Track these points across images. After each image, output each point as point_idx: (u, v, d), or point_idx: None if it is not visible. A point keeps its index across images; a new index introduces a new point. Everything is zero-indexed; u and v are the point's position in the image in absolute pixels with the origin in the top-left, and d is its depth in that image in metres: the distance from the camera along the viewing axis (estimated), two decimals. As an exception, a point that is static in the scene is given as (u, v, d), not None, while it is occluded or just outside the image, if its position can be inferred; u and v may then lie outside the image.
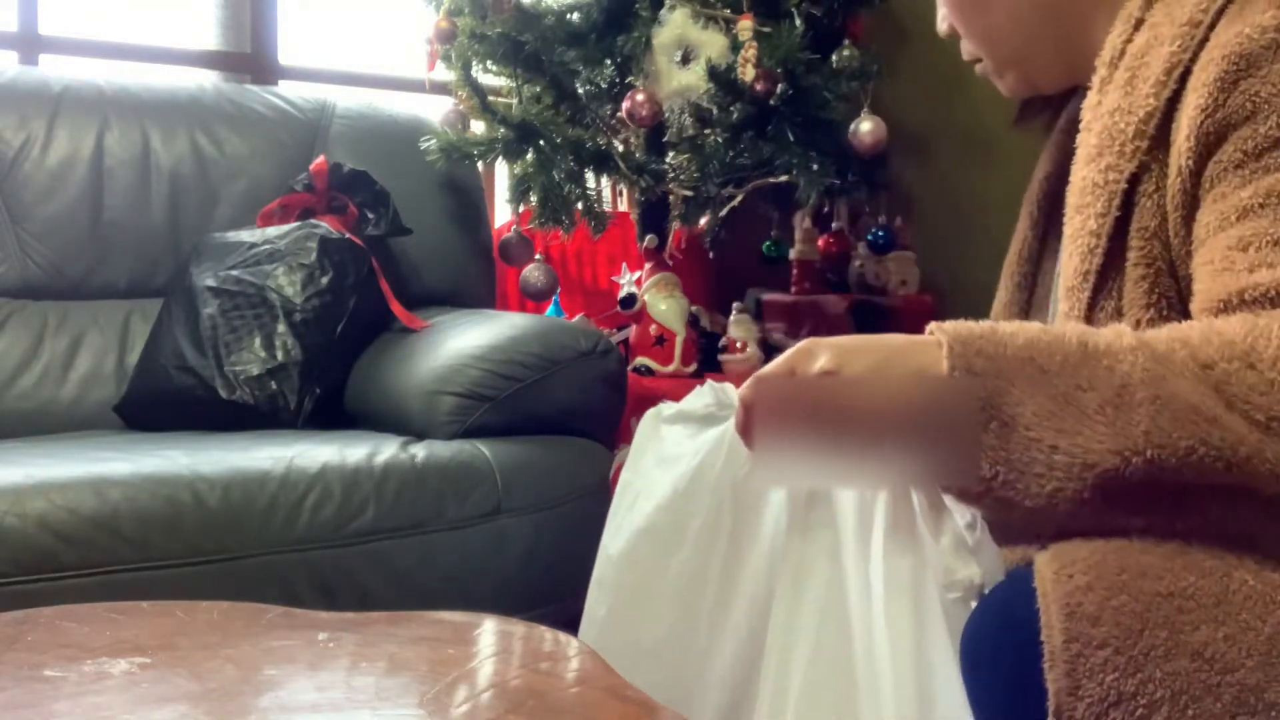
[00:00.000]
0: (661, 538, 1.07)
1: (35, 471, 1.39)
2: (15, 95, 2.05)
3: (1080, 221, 0.94)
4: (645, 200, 2.29)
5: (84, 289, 2.04)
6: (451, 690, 0.82)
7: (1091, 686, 0.74)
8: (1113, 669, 0.74)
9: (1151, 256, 0.90)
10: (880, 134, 2.16)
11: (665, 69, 2.03)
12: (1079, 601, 0.76)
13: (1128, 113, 0.91)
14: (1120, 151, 0.91)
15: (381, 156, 2.20)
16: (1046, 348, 0.81)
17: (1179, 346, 0.79)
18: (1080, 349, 0.81)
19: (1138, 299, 0.90)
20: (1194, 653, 0.75)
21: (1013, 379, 0.80)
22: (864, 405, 0.85)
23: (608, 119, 2.19)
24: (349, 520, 1.49)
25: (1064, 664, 0.75)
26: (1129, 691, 0.74)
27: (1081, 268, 0.93)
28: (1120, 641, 0.75)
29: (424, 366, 1.78)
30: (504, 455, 1.64)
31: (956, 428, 0.81)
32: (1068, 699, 0.75)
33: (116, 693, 0.81)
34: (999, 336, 0.82)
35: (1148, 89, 0.90)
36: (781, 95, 2.06)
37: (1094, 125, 0.95)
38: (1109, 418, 0.78)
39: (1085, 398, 0.79)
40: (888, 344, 0.87)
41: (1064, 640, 0.75)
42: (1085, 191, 0.94)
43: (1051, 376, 0.80)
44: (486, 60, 2.13)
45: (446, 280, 2.24)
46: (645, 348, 2.18)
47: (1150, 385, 0.78)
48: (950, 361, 0.81)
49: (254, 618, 0.99)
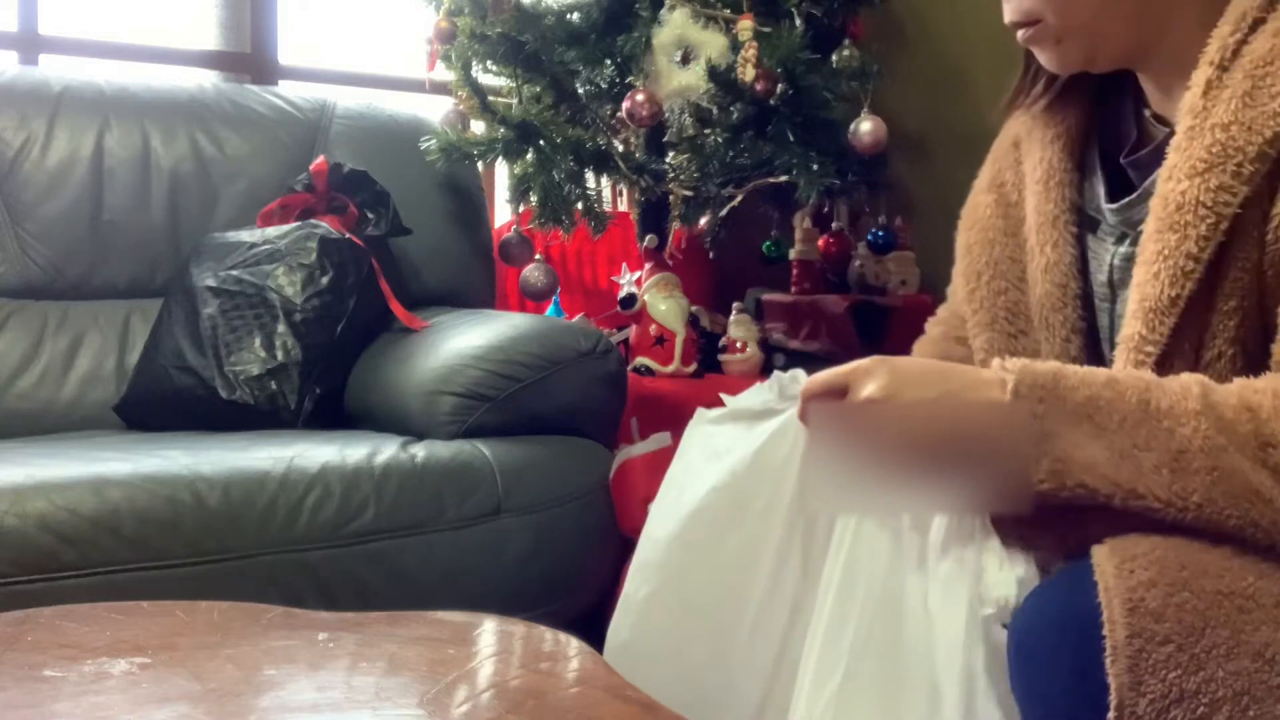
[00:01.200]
0: (719, 518, 1.04)
1: (35, 471, 1.39)
2: (15, 95, 2.05)
3: (1175, 241, 0.87)
4: (645, 200, 2.29)
5: (84, 289, 2.04)
6: (451, 690, 0.82)
7: (1154, 683, 0.74)
8: (1175, 666, 0.74)
9: (1245, 289, 0.85)
10: (880, 134, 2.16)
11: (665, 69, 2.03)
12: (1142, 597, 0.76)
13: (1248, 129, 0.84)
14: (1236, 172, 0.85)
15: (381, 156, 2.20)
16: (1107, 404, 0.81)
17: (1246, 418, 0.78)
18: (1141, 408, 0.80)
19: (1224, 331, 0.86)
20: (1256, 653, 0.74)
21: (1070, 430, 0.80)
22: (918, 432, 0.85)
23: (608, 119, 2.19)
24: (349, 520, 1.49)
25: (1127, 659, 0.75)
26: (1191, 689, 0.74)
27: (1170, 292, 0.87)
28: (1183, 639, 0.75)
29: (424, 366, 1.78)
30: (504, 455, 1.64)
31: (1006, 460, 0.81)
32: (1130, 694, 0.74)
33: (116, 693, 0.81)
34: (1060, 389, 0.82)
35: (1276, 107, 0.84)
36: (781, 95, 2.06)
37: (1199, 135, 0.87)
38: (1164, 480, 0.78)
39: (1142, 457, 0.79)
40: (950, 376, 0.86)
41: (1127, 635, 0.75)
42: (1185, 209, 0.87)
43: (1109, 433, 0.80)
44: (486, 60, 2.13)
45: (446, 280, 2.24)
46: (645, 348, 2.17)
47: (1210, 455, 0.78)
48: (1015, 392, 0.82)
49: (254, 618, 0.99)
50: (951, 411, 0.84)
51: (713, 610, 1.04)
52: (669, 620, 1.05)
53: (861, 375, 0.87)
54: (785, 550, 1.02)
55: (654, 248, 2.25)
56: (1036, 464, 0.81)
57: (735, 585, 1.03)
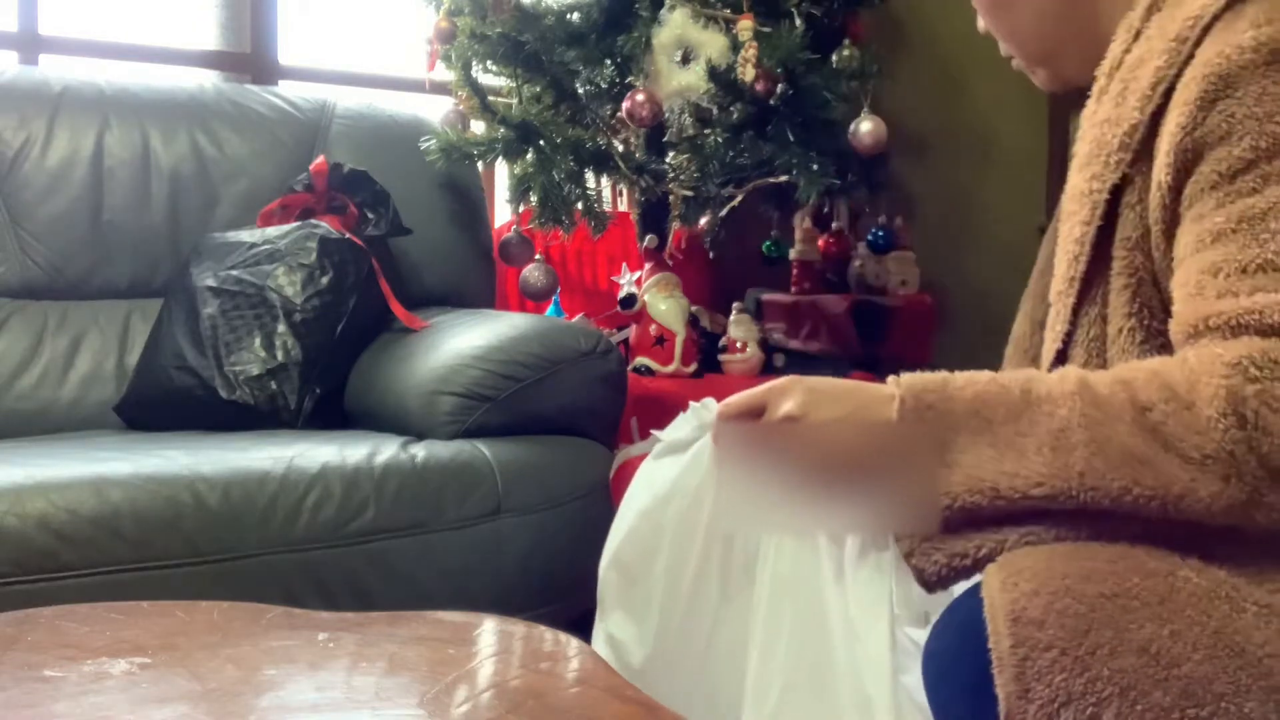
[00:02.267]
0: (644, 542, 1.08)
1: (35, 471, 1.39)
2: (15, 95, 2.04)
3: (1068, 228, 0.95)
4: (645, 200, 2.29)
5: (84, 289, 2.04)
6: (451, 690, 0.82)
7: (1040, 688, 0.76)
8: (1060, 670, 0.76)
9: (1134, 267, 0.91)
10: (880, 134, 2.16)
11: (665, 69, 2.03)
12: (1024, 607, 0.78)
13: (1115, 124, 0.93)
14: (1105, 162, 0.93)
15: (381, 156, 2.20)
16: (992, 399, 0.85)
17: (1120, 389, 0.82)
18: (1023, 398, 0.84)
19: (1120, 307, 0.91)
20: (1140, 649, 0.76)
21: (959, 430, 0.84)
22: (825, 451, 0.89)
23: (608, 119, 2.19)
24: (349, 520, 1.49)
25: (1012, 668, 0.77)
26: (1078, 690, 0.76)
27: (1068, 274, 0.94)
28: (1066, 642, 0.76)
29: (424, 366, 1.78)
30: (504, 455, 1.64)
31: (903, 476, 0.85)
32: (1018, 702, 0.76)
33: (116, 693, 0.81)
34: (949, 391, 0.86)
35: (1134, 101, 0.91)
36: (781, 95, 2.06)
37: (1087, 134, 0.96)
38: (1046, 459, 0.81)
39: (1024, 442, 0.83)
40: (855, 395, 0.90)
41: (1011, 645, 0.77)
42: (1074, 199, 0.95)
43: (995, 426, 0.84)
44: (486, 60, 2.13)
45: (446, 280, 2.24)
46: (645, 348, 2.18)
47: (1086, 429, 0.81)
48: (900, 413, 0.86)
49: (254, 618, 0.99)
50: (854, 430, 0.88)
51: (642, 632, 1.08)
52: (610, 647, 1.09)
53: (777, 395, 0.91)
54: (702, 570, 1.05)
55: (654, 248, 2.25)
56: (934, 484, 0.84)
57: (661, 606, 1.07)
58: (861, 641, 0.92)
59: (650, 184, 2.17)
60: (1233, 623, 0.77)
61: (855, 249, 2.64)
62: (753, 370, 2.25)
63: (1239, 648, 0.76)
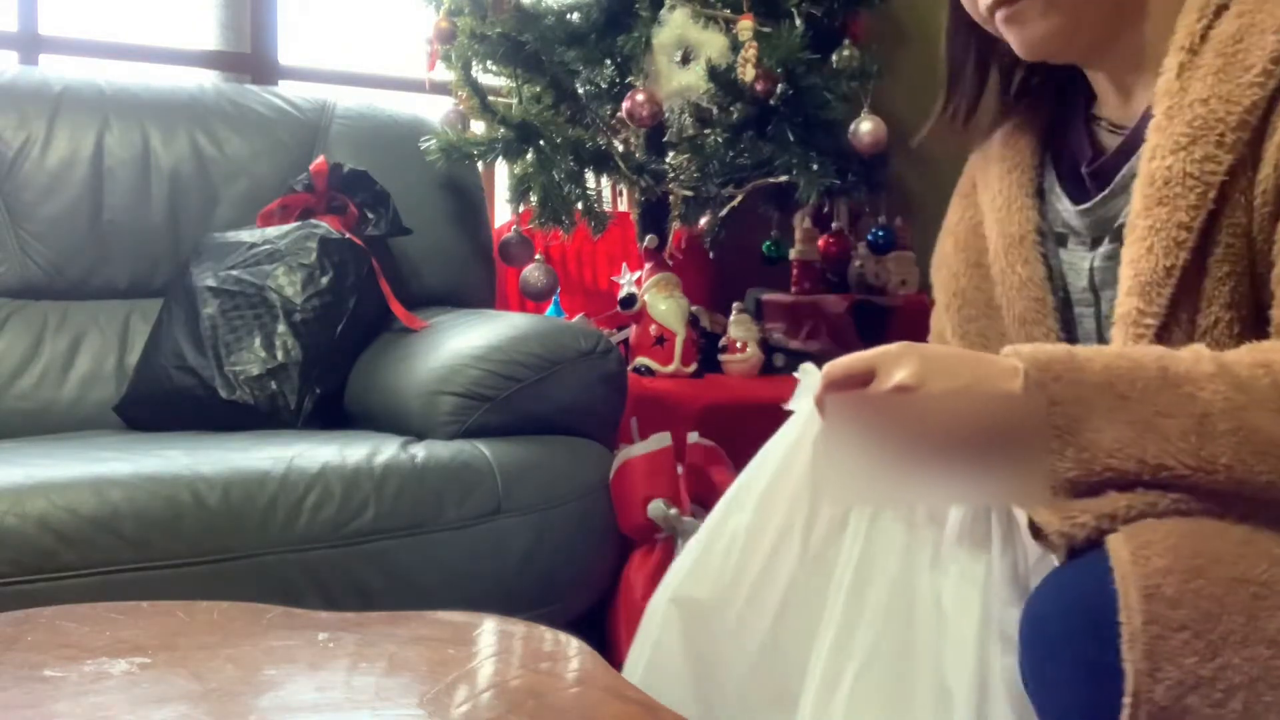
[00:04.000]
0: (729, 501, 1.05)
1: (35, 471, 1.39)
2: (15, 95, 2.04)
3: (1166, 214, 0.90)
4: (645, 200, 2.29)
5: (84, 289, 2.04)
6: (451, 690, 0.82)
7: (1170, 669, 0.74)
8: (1192, 652, 0.74)
9: (1237, 254, 0.88)
10: (880, 134, 2.16)
11: (665, 69, 2.03)
12: (1158, 584, 0.76)
13: (1227, 101, 0.88)
14: (1219, 142, 0.88)
15: (381, 156, 2.20)
16: (1126, 373, 0.81)
17: (1262, 374, 0.79)
18: (1160, 375, 0.81)
19: (1219, 297, 0.88)
20: (1270, 640, 0.75)
21: (1092, 406, 0.81)
22: (942, 424, 0.85)
23: (608, 119, 2.19)
24: (349, 520, 1.49)
25: (1144, 645, 0.75)
26: (1207, 676, 0.74)
27: (1165, 263, 0.90)
28: (1199, 625, 0.75)
29: (424, 366, 1.78)
30: (504, 455, 1.64)
31: (1027, 451, 0.82)
32: (1146, 680, 0.74)
33: (116, 693, 0.81)
34: (1077, 362, 0.82)
35: (1251, 78, 0.87)
36: (781, 95, 2.06)
37: (1178, 113, 0.91)
38: (1192, 445, 0.79)
39: (1166, 424, 0.80)
40: (973, 366, 0.86)
41: (1144, 622, 0.75)
42: (1172, 183, 0.90)
43: (1131, 403, 0.80)
44: (486, 60, 2.13)
45: (446, 280, 2.24)
46: (645, 348, 2.18)
47: (1232, 416, 0.79)
48: (1025, 386, 0.82)
49: (254, 618, 0.99)
50: (973, 402, 0.84)
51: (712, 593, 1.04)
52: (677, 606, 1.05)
53: (890, 362, 0.86)
54: (783, 538, 1.01)
55: (654, 248, 2.25)
56: (1060, 455, 0.81)
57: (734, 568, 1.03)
58: (949, 631, 0.90)
59: (650, 184, 2.17)
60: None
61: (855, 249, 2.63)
62: (752, 370, 2.25)
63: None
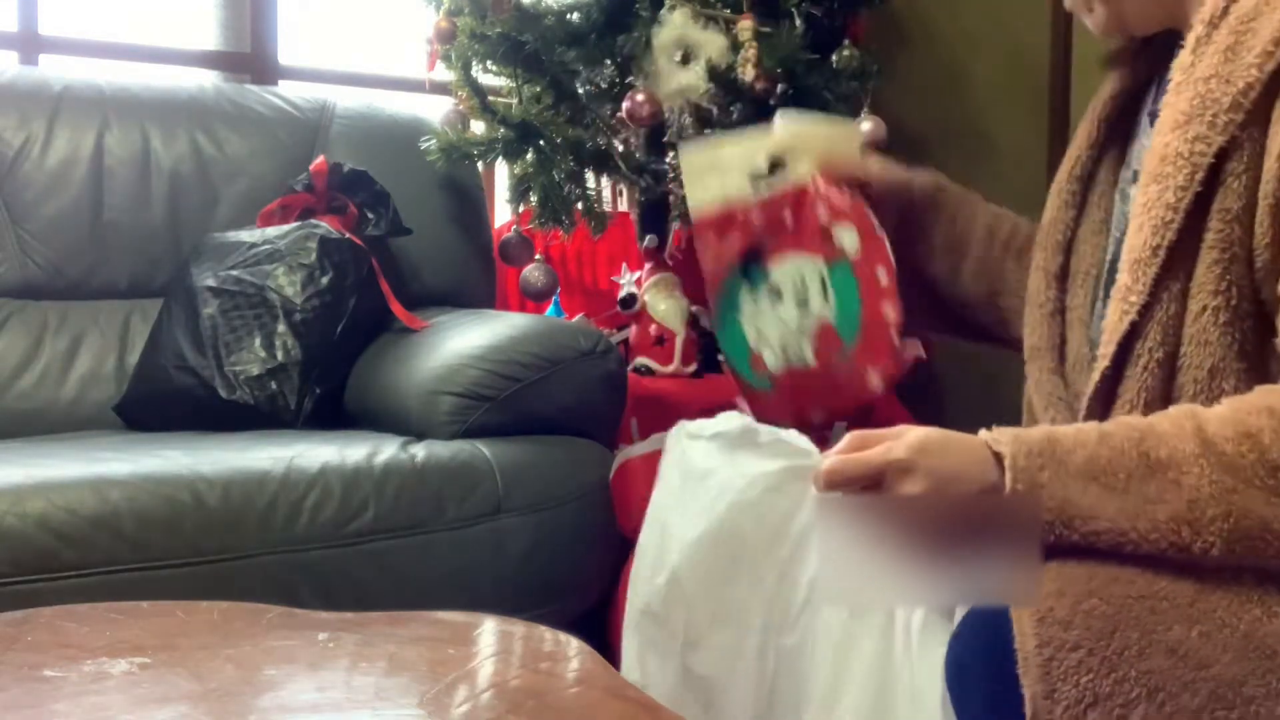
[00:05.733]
0: (711, 570, 1.04)
1: (35, 471, 1.39)
2: (15, 95, 2.04)
3: (1156, 192, 0.88)
4: (645, 200, 2.29)
5: (84, 289, 2.04)
6: (451, 690, 0.82)
7: (1067, 689, 0.75)
8: (1087, 670, 0.75)
9: (1229, 240, 0.85)
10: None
11: (665, 69, 2.02)
12: (1050, 606, 0.77)
13: (1225, 81, 0.85)
14: (1211, 122, 0.85)
15: (381, 156, 2.20)
16: (1107, 464, 0.80)
17: (1247, 450, 0.78)
18: (1142, 462, 0.79)
19: (1208, 283, 0.86)
20: (1169, 650, 0.75)
21: (1079, 495, 0.80)
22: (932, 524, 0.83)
23: (608, 119, 2.19)
24: (349, 520, 1.49)
25: (1038, 668, 0.75)
26: (1105, 692, 0.74)
27: (1152, 242, 0.87)
28: (1093, 643, 0.75)
29: (424, 366, 1.78)
30: (504, 455, 1.64)
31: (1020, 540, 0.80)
32: (1044, 703, 0.75)
33: (116, 693, 0.81)
34: (1059, 453, 0.81)
35: (1252, 58, 0.85)
36: (781, 95, 2.06)
37: (1185, 89, 0.88)
38: (1183, 539, 0.78)
39: (1156, 510, 0.78)
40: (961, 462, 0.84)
41: (1036, 645, 0.76)
42: (1166, 160, 0.88)
43: (1117, 495, 0.79)
44: (486, 60, 2.13)
45: (446, 280, 2.24)
46: (645, 348, 2.17)
47: (1220, 501, 0.77)
48: (1013, 476, 0.81)
49: (254, 618, 0.99)
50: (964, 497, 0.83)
51: (706, 660, 1.05)
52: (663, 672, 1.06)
53: (899, 474, 0.83)
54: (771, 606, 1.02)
55: (654, 248, 2.25)
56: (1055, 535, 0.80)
57: (725, 636, 1.04)
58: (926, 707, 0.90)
59: (650, 184, 2.17)
60: (1264, 626, 0.76)
61: (855, 249, 2.63)
62: (753, 370, 2.25)
63: (1270, 650, 0.75)
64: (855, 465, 0.84)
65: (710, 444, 1.09)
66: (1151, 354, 0.88)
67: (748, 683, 1.03)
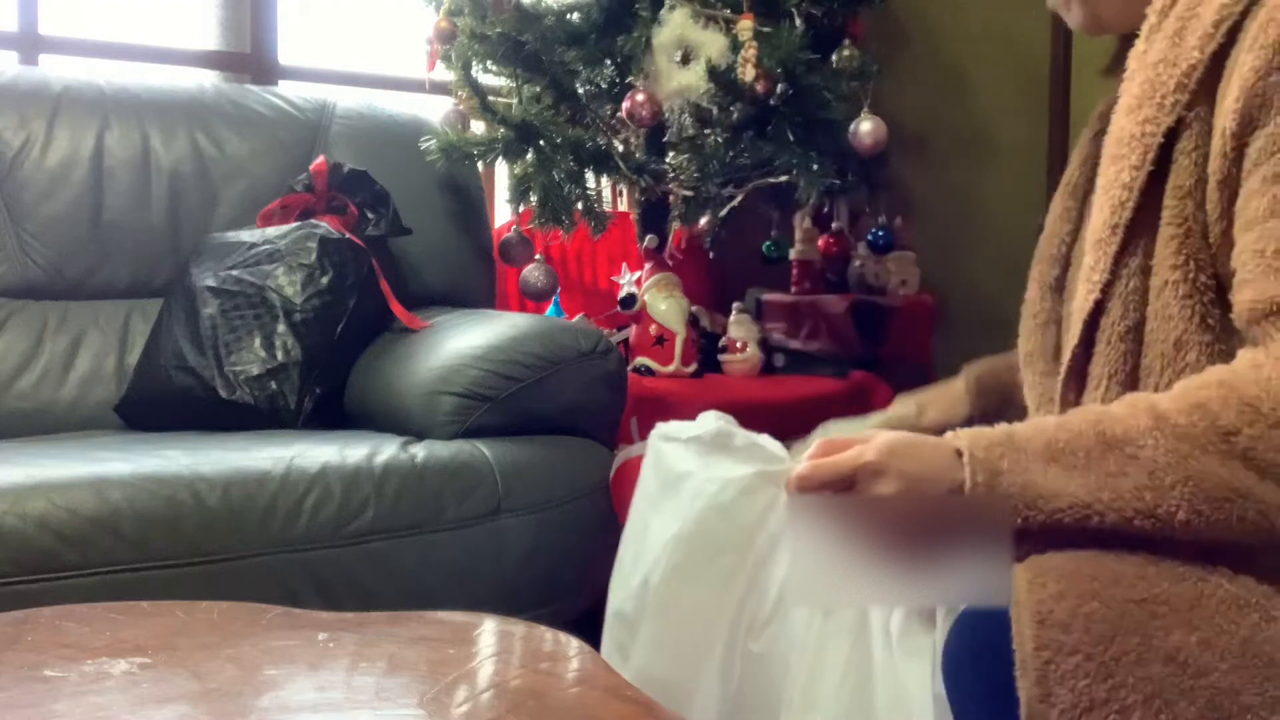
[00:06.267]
0: (680, 570, 1.05)
1: (35, 471, 1.39)
2: (15, 95, 2.04)
3: (1114, 173, 0.91)
4: (645, 200, 2.29)
5: (84, 289, 2.04)
6: (451, 690, 0.82)
7: (1063, 693, 0.75)
8: (1084, 675, 0.74)
9: (1184, 216, 0.87)
10: (880, 134, 2.16)
11: (665, 69, 2.03)
12: (1050, 609, 0.77)
13: (1171, 64, 0.88)
14: (1160, 104, 0.88)
15: (381, 156, 2.20)
16: (1065, 446, 0.81)
17: (1198, 419, 0.78)
18: (1099, 441, 0.81)
19: (1166, 258, 0.87)
20: (1167, 657, 0.75)
21: (1040, 477, 0.81)
22: (903, 524, 0.84)
23: (608, 119, 2.19)
24: (349, 520, 1.49)
25: (1035, 671, 0.75)
26: (1101, 697, 0.74)
27: (1111, 221, 0.90)
28: (1091, 647, 0.75)
29: (424, 366, 1.78)
30: (504, 455, 1.64)
31: (989, 538, 0.81)
32: (1040, 706, 0.75)
33: (116, 693, 0.81)
34: (1017, 441, 0.82)
35: (1194, 41, 0.87)
36: (781, 95, 2.06)
37: (1137, 75, 0.91)
38: (1147, 503, 0.79)
39: (1119, 483, 0.79)
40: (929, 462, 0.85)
41: (1035, 647, 0.76)
42: (1122, 143, 0.91)
43: (1078, 473, 0.80)
44: (486, 60, 2.13)
45: (446, 280, 2.24)
46: (645, 348, 2.18)
47: (1177, 468, 0.78)
48: (972, 469, 0.82)
49: (254, 618, 0.99)
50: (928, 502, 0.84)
51: (671, 661, 1.05)
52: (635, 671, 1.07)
53: (870, 476, 0.85)
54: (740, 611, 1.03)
55: (654, 248, 2.25)
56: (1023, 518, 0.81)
57: (691, 639, 1.04)
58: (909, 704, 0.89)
59: (650, 184, 2.17)
60: (1262, 632, 0.76)
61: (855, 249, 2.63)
62: (752, 370, 2.25)
63: (1268, 658, 0.75)
64: (827, 469, 0.86)
65: (686, 447, 1.09)
66: (1115, 329, 0.89)
67: (712, 688, 1.04)
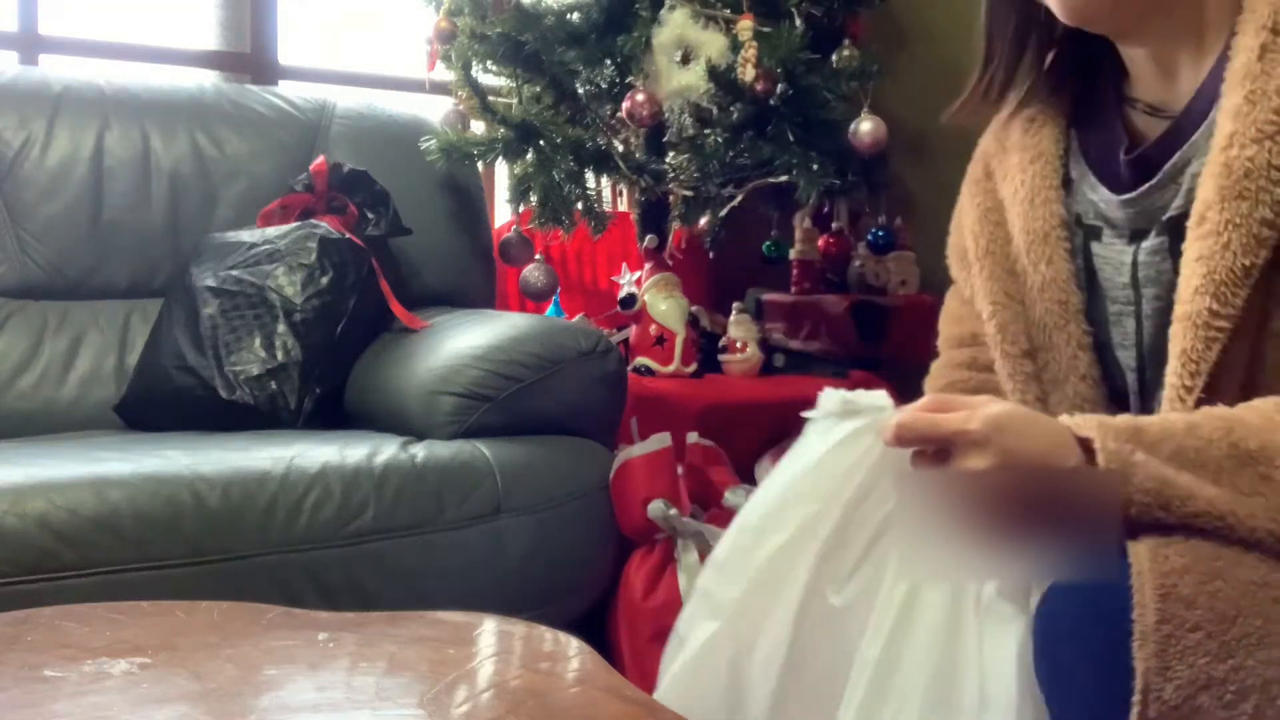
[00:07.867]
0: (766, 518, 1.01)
1: (35, 471, 1.39)
2: (15, 95, 2.04)
3: (1247, 208, 0.85)
4: (645, 200, 2.29)
5: (84, 289, 2.04)
6: (451, 690, 0.82)
7: (1181, 669, 0.74)
8: (1204, 653, 0.74)
9: None
10: (880, 134, 2.16)
11: (665, 69, 2.03)
12: (1174, 583, 0.76)
13: None
14: None
15: (381, 156, 2.20)
16: (1196, 455, 0.80)
17: None
18: (1232, 453, 0.80)
19: None
20: None
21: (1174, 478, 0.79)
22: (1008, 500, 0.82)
23: (608, 119, 2.19)
24: (349, 520, 1.49)
25: (1155, 644, 0.75)
26: (1219, 677, 0.74)
27: (1244, 261, 0.85)
28: (1214, 626, 0.75)
29: (424, 366, 1.78)
30: (504, 455, 1.64)
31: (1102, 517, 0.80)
32: (1156, 679, 0.74)
33: (116, 693, 0.81)
34: (1146, 439, 0.81)
35: None
36: (781, 95, 2.06)
37: (1261, 100, 0.86)
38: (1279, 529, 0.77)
39: (1252, 503, 0.78)
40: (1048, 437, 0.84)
41: (1157, 620, 0.75)
42: (1257, 175, 0.85)
43: (1209, 485, 0.79)
44: (486, 60, 2.13)
45: (446, 280, 2.24)
46: (645, 348, 2.18)
47: None
48: (1105, 458, 0.80)
49: (254, 618, 0.99)
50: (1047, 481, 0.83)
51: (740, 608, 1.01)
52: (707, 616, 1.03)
53: (970, 447, 0.83)
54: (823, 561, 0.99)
55: (654, 248, 2.25)
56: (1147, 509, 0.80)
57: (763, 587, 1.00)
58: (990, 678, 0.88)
59: (650, 184, 2.17)
60: None
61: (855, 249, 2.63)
62: (752, 370, 2.25)
63: None
64: (926, 425, 0.85)
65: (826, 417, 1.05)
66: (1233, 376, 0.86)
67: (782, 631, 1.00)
